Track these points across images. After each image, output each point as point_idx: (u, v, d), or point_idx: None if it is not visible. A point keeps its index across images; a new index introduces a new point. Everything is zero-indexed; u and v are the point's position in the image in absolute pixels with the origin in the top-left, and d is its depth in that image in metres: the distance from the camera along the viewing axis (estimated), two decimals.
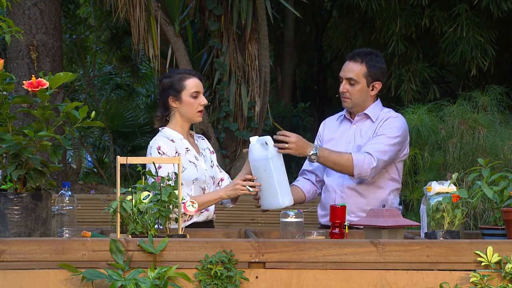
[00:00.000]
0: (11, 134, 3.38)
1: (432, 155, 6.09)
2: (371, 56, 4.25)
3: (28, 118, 7.18)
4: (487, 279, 3.34)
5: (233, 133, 8.27)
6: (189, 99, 4.16)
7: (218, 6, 8.20)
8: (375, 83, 4.24)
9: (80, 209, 4.15)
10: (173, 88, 4.17)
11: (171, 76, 4.23)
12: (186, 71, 4.31)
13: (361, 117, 4.28)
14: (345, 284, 3.34)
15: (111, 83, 14.23)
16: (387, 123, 4.22)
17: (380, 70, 4.26)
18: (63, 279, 3.29)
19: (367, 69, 4.22)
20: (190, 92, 4.16)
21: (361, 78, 4.22)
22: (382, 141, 4.16)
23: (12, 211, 3.36)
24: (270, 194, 3.99)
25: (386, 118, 4.23)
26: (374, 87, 4.25)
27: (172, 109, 4.19)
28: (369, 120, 4.26)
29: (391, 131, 4.19)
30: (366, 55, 4.25)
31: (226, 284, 3.28)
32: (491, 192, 3.69)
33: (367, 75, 4.22)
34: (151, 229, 3.43)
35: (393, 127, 4.21)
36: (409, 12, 8.81)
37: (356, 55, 4.26)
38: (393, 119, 4.24)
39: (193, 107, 4.17)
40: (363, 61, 4.22)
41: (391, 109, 4.34)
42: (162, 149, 4.09)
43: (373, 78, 4.23)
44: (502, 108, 6.36)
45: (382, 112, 4.28)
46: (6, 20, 3.65)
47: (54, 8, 8.34)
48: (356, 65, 4.23)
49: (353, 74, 4.22)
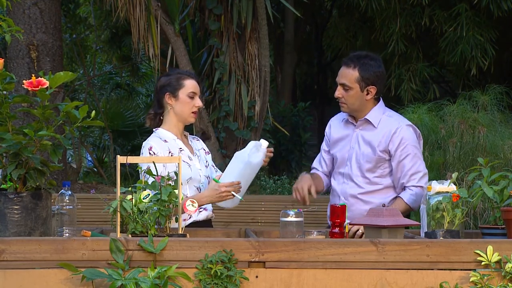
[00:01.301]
0: (11, 134, 3.38)
1: (432, 154, 6.09)
2: (365, 60, 4.18)
3: (28, 118, 7.19)
4: (487, 279, 3.34)
5: (233, 132, 8.28)
6: (185, 98, 4.17)
7: (218, 6, 8.20)
8: (369, 87, 4.18)
9: (80, 209, 4.15)
10: (171, 85, 4.18)
11: (170, 75, 4.26)
12: (186, 72, 4.34)
13: (362, 122, 4.24)
14: (345, 283, 3.34)
15: (111, 83, 14.22)
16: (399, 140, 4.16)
17: (375, 74, 4.18)
18: (63, 278, 3.29)
19: (360, 74, 4.15)
20: (187, 92, 4.18)
21: (354, 84, 4.17)
22: (412, 162, 4.15)
23: (12, 210, 3.36)
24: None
25: (393, 130, 4.17)
26: (369, 92, 4.19)
27: (166, 107, 4.20)
28: (371, 125, 4.22)
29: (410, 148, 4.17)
30: (359, 60, 4.19)
31: (226, 284, 3.28)
32: (491, 191, 3.69)
33: (360, 80, 4.16)
34: (151, 228, 3.44)
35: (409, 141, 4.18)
36: (409, 11, 8.81)
37: (350, 59, 4.22)
38: (404, 132, 4.18)
39: (188, 107, 4.18)
40: (355, 66, 4.17)
41: (392, 112, 4.28)
42: (153, 150, 4.09)
43: (366, 83, 4.17)
44: (502, 108, 6.35)
45: (384, 116, 4.23)
46: (6, 19, 3.65)
47: (54, 7, 8.34)
48: (349, 71, 4.18)
49: (346, 80, 4.18)
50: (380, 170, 4.18)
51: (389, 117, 4.24)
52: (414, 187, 4.14)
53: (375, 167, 4.17)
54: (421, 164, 4.18)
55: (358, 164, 4.20)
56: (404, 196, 4.13)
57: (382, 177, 4.19)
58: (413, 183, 4.14)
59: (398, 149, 4.15)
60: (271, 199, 7.19)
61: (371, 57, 4.23)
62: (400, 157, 4.15)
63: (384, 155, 4.16)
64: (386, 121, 4.22)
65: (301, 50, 12.87)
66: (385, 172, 4.19)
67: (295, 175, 10.31)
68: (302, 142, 10.92)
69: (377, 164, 4.17)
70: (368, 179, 4.19)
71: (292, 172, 10.37)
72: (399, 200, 4.13)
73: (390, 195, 4.21)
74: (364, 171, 4.18)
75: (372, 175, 4.18)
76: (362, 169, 4.19)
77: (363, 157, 4.19)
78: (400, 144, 4.15)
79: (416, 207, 4.14)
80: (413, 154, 4.16)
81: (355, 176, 4.20)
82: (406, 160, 4.15)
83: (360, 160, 4.19)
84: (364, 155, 4.19)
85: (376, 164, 4.17)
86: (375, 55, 4.28)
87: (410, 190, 4.14)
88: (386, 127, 4.19)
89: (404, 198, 4.13)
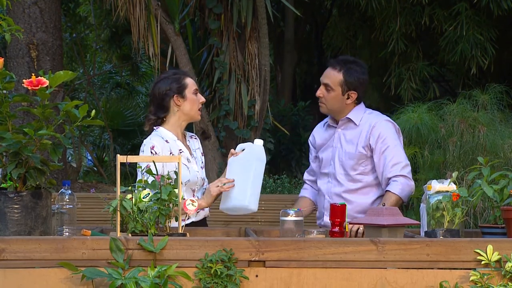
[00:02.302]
0: (11, 133, 3.38)
1: (432, 153, 6.09)
2: (351, 65, 4.28)
3: (28, 117, 7.19)
4: (487, 278, 3.34)
5: (233, 131, 8.28)
6: (192, 96, 4.20)
7: (218, 5, 8.20)
8: (350, 92, 4.27)
9: (80, 208, 4.15)
10: (176, 87, 4.18)
11: (168, 78, 4.24)
12: (180, 71, 4.39)
13: (344, 122, 4.33)
14: (345, 282, 3.34)
15: (111, 82, 14.22)
16: (378, 133, 4.23)
17: (358, 80, 4.27)
18: (63, 277, 3.29)
19: (344, 77, 4.25)
20: (192, 89, 4.21)
21: (337, 86, 4.26)
22: (392, 153, 4.21)
23: (12, 209, 3.36)
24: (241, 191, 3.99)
25: (373, 124, 4.25)
26: (350, 96, 4.28)
27: (173, 109, 4.20)
28: (352, 123, 4.30)
29: (390, 140, 4.23)
30: (346, 64, 4.29)
31: (226, 283, 3.28)
32: (491, 190, 3.69)
33: (343, 84, 4.26)
34: (151, 227, 3.44)
35: (388, 134, 4.25)
36: (409, 10, 8.80)
37: (337, 62, 4.32)
38: (383, 126, 4.26)
39: (196, 104, 4.21)
40: (341, 69, 4.27)
41: (373, 111, 4.38)
42: (155, 149, 4.09)
43: (348, 87, 4.26)
44: (502, 107, 6.35)
45: (365, 114, 4.31)
46: (6, 18, 3.65)
47: (54, 6, 8.34)
48: (334, 72, 4.27)
49: (329, 81, 4.28)
50: (361, 167, 4.25)
51: (369, 114, 4.33)
52: (397, 176, 4.19)
53: (357, 164, 4.25)
54: (402, 155, 4.24)
55: (341, 162, 4.28)
56: (391, 188, 4.17)
57: (363, 174, 4.26)
58: (395, 173, 4.19)
59: (378, 141, 4.23)
60: (271, 198, 7.19)
61: (358, 63, 4.34)
62: (380, 149, 4.22)
63: (365, 151, 4.23)
64: (366, 118, 4.31)
65: (301, 49, 12.86)
66: (366, 169, 4.26)
67: (295, 174, 10.32)
68: (302, 141, 10.92)
69: (358, 161, 4.24)
70: (350, 176, 4.27)
71: (292, 172, 10.37)
72: (387, 193, 4.18)
73: (372, 195, 4.26)
74: (347, 169, 4.26)
75: (354, 172, 4.26)
76: (344, 166, 4.27)
77: (345, 154, 4.28)
78: (379, 137, 4.23)
79: (405, 197, 4.18)
80: (393, 146, 4.23)
81: (338, 174, 4.28)
82: (386, 152, 4.22)
83: (342, 158, 4.28)
84: (346, 152, 4.27)
85: (357, 161, 4.24)
86: (361, 62, 4.39)
87: (394, 181, 4.19)
88: (366, 123, 4.29)
89: (391, 190, 4.17)
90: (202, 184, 4.24)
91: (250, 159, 4.02)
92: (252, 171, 4.00)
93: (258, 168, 4.02)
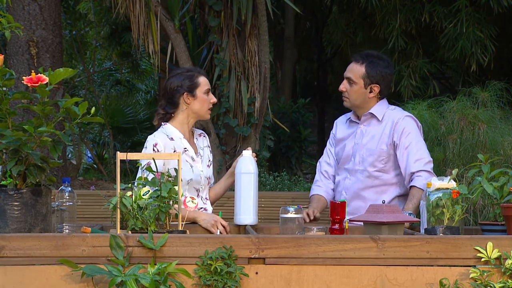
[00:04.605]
0: (11, 130, 3.38)
1: (432, 151, 6.06)
2: (373, 59, 4.31)
3: (28, 114, 7.18)
4: (487, 275, 3.34)
5: (233, 129, 8.26)
6: (203, 95, 4.18)
7: (218, 2, 8.18)
8: (373, 85, 4.28)
9: (80, 205, 4.15)
10: (187, 85, 4.16)
11: (181, 74, 4.21)
12: (195, 69, 4.32)
13: (367, 117, 4.32)
14: (345, 280, 3.35)
15: (111, 79, 14.22)
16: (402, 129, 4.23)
17: (380, 73, 4.29)
18: (63, 274, 3.29)
19: (366, 70, 4.27)
20: (204, 89, 4.18)
21: (359, 79, 4.27)
22: (415, 149, 4.21)
23: (12, 206, 3.36)
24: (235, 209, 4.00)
25: (396, 120, 4.25)
26: (372, 90, 4.28)
27: (182, 106, 4.18)
28: (375, 119, 4.29)
29: (413, 136, 4.23)
30: (368, 57, 4.32)
31: (226, 280, 3.28)
32: (491, 188, 3.69)
33: (365, 77, 4.27)
34: (151, 225, 3.44)
35: (412, 130, 4.25)
36: (409, 7, 8.79)
37: (360, 56, 4.34)
38: (406, 122, 4.26)
39: (206, 104, 4.19)
40: (363, 63, 4.29)
41: (396, 107, 4.37)
42: (158, 147, 4.08)
43: (371, 80, 4.27)
44: (502, 104, 6.34)
45: (388, 110, 4.31)
46: (6, 15, 3.64)
47: (53, 3, 8.33)
48: (357, 66, 4.30)
49: (351, 74, 4.30)
50: (380, 164, 4.24)
51: (392, 110, 4.35)
52: (421, 171, 4.19)
53: (377, 160, 4.24)
54: (425, 150, 4.26)
55: (361, 158, 4.27)
56: (416, 183, 4.18)
57: (382, 172, 4.25)
58: (418, 168, 4.20)
59: (402, 137, 4.24)
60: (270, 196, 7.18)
61: (381, 57, 4.37)
62: (404, 145, 4.23)
63: (386, 148, 4.22)
64: (389, 114, 4.32)
65: (301, 46, 12.87)
66: (386, 167, 4.24)
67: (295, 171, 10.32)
68: (302, 138, 10.92)
69: (378, 158, 4.23)
70: (368, 172, 4.25)
71: (292, 169, 10.37)
72: (413, 188, 4.18)
73: (390, 193, 4.24)
74: (366, 165, 4.26)
75: (372, 169, 4.25)
76: (364, 163, 4.27)
77: (366, 151, 4.28)
78: (403, 132, 4.24)
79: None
80: (415, 142, 4.24)
81: (357, 171, 4.27)
82: (410, 147, 4.22)
83: (363, 154, 4.27)
84: (367, 149, 4.28)
85: (377, 157, 4.23)
86: (385, 57, 4.41)
87: (418, 176, 4.19)
88: (389, 119, 4.29)
89: (416, 185, 4.17)
90: (207, 184, 4.23)
91: (237, 174, 3.97)
92: (239, 186, 3.94)
93: (245, 181, 3.95)
